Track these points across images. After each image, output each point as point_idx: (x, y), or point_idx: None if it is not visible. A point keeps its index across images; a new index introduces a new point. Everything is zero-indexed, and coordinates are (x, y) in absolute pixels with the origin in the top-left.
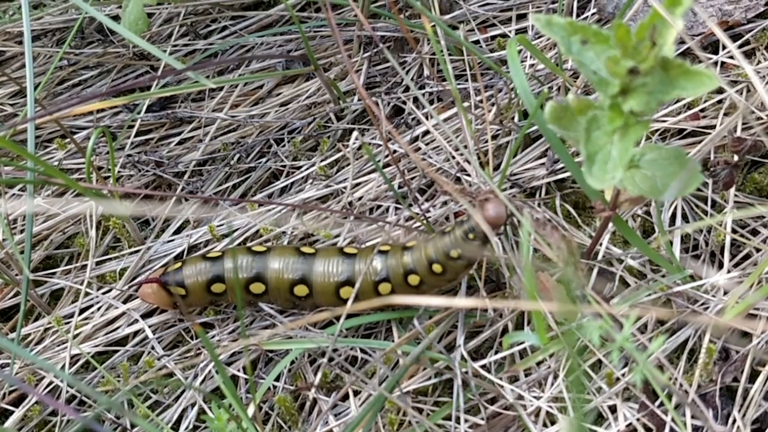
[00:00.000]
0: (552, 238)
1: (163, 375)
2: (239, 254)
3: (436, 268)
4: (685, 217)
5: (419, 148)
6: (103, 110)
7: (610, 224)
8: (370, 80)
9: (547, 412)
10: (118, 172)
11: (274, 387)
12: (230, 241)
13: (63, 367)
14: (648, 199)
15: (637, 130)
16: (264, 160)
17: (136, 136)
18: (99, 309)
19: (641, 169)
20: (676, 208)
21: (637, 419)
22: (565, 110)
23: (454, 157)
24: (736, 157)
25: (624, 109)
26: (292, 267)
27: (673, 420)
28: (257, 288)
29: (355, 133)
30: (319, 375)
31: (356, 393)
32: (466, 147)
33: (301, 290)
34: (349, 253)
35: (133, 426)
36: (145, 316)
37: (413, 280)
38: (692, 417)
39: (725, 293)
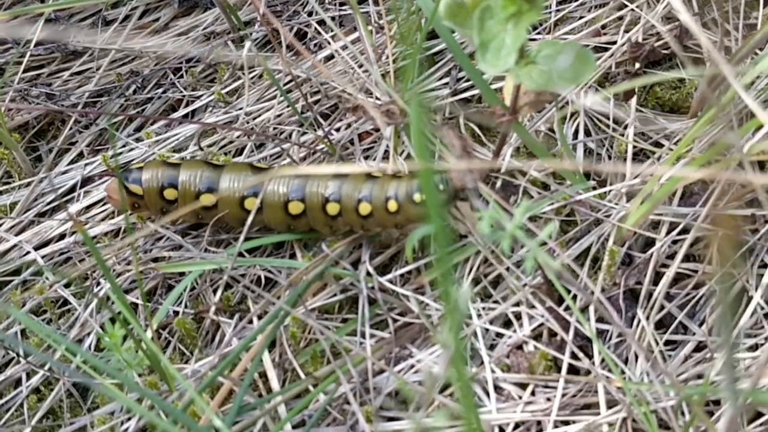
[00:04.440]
0: (447, 137)
1: (59, 307)
2: (196, 165)
3: (392, 205)
4: (588, 133)
5: (321, 73)
6: None
7: (514, 139)
8: (270, 9)
9: None
10: (7, 107)
11: (176, 313)
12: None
13: None
14: (546, 100)
15: (530, 16)
16: (161, 90)
17: (25, 71)
18: None
19: (538, 65)
20: (578, 124)
21: (539, 325)
22: (460, 7)
23: (358, 79)
24: (637, 65)
25: None
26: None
27: (578, 321)
28: (207, 199)
29: (247, 44)
30: (218, 295)
31: (261, 317)
32: (369, 68)
33: (250, 203)
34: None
35: (27, 354)
36: (38, 248)
37: (364, 209)
38: (597, 321)
39: (628, 201)
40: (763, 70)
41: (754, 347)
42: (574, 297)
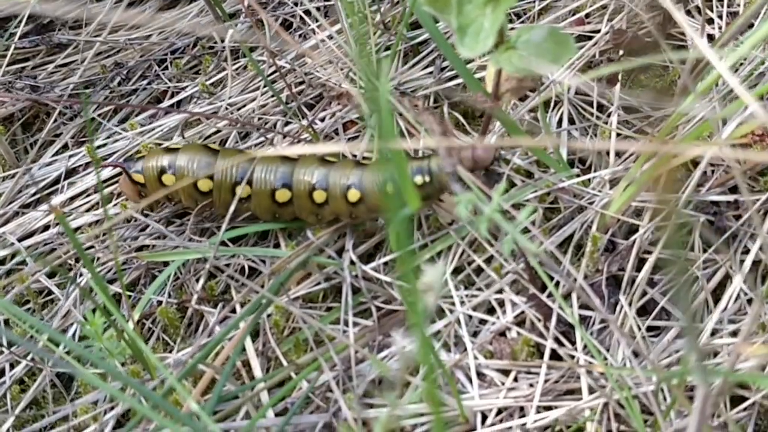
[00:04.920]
0: (426, 119)
1: (42, 298)
2: (195, 150)
3: (389, 188)
4: (572, 121)
5: (305, 63)
6: None
7: (498, 128)
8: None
9: (438, 308)
10: None
11: (160, 303)
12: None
13: None
14: (528, 87)
15: (508, 0)
16: (146, 82)
17: (10, 64)
18: None
19: (518, 50)
20: (562, 113)
21: (522, 312)
22: None
23: (342, 69)
24: (621, 52)
25: None
26: (236, 168)
27: (560, 308)
28: (205, 185)
29: (230, 32)
30: (201, 282)
31: (245, 305)
32: (353, 57)
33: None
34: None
35: (10, 345)
36: (21, 239)
37: (353, 195)
38: (580, 307)
39: (611, 188)
40: (744, 54)
41: (737, 333)
42: (557, 284)
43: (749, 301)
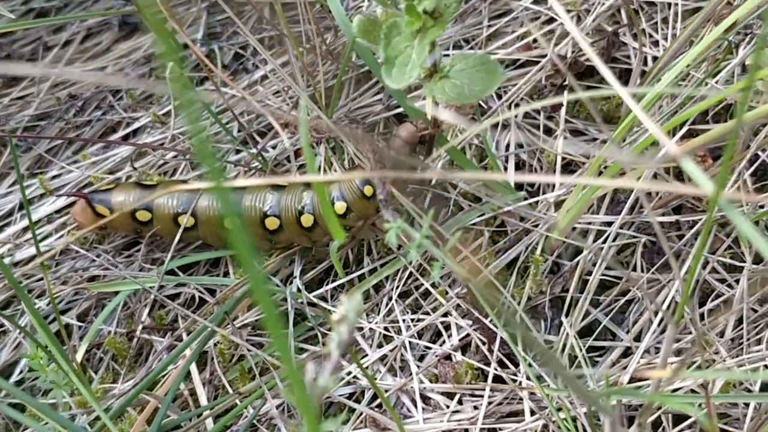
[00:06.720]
0: (362, 145)
1: None
2: (171, 188)
3: (339, 207)
4: (520, 145)
5: (257, 91)
6: None
7: (444, 153)
8: (211, 31)
9: (384, 335)
10: None
11: (110, 333)
12: (64, 194)
13: None
14: (467, 113)
15: (434, 32)
16: (100, 113)
17: None
18: None
19: (451, 78)
20: (510, 138)
21: (467, 335)
22: (373, 24)
23: (291, 98)
24: (567, 77)
25: (419, 10)
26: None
27: (504, 332)
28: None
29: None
30: (146, 313)
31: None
32: (297, 89)
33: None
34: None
35: None
36: None
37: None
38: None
39: (556, 210)
40: (660, 93)
41: (678, 352)
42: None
43: (692, 320)
